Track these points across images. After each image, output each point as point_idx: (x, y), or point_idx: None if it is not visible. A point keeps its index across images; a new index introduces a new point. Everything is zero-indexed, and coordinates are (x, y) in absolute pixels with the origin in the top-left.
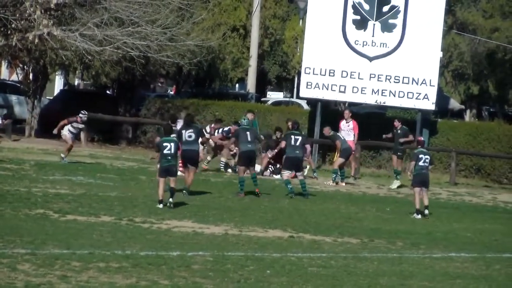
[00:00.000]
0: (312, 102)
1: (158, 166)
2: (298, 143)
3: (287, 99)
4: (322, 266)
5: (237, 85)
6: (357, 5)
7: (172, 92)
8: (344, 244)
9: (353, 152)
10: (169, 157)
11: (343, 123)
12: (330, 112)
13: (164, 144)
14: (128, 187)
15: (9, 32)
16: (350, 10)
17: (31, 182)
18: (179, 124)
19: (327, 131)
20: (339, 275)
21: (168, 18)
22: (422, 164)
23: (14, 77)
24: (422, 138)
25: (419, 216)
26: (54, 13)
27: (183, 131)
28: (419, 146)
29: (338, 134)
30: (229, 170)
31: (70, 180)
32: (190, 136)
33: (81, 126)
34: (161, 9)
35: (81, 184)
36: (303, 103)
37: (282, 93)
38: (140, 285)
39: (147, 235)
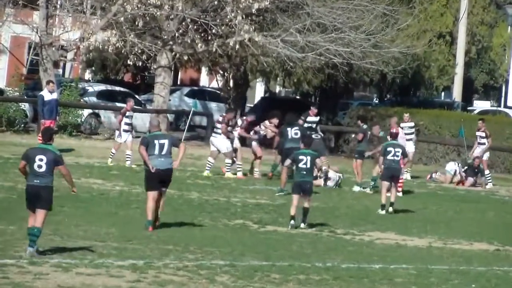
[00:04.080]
0: None
1: None
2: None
3: (494, 108)
4: None
5: (442, 94)
6: None
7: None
8: None
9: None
10: (304, 172)
11: None
12: None
13: (300, 157)
14: (330, 197)
15: (209, 37)
16: None
17: (230, 192)
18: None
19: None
20: None
21: (372, 24)
22: None
23: (213, 84)
24: None
25: None
26: (256, 19)
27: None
28: None
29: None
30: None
31: (271, 190)
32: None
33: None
34: (365, 15)
35: (282, 195)
36: (511, 113)
37: (489, 102)
38: None
39: (349, 247)
